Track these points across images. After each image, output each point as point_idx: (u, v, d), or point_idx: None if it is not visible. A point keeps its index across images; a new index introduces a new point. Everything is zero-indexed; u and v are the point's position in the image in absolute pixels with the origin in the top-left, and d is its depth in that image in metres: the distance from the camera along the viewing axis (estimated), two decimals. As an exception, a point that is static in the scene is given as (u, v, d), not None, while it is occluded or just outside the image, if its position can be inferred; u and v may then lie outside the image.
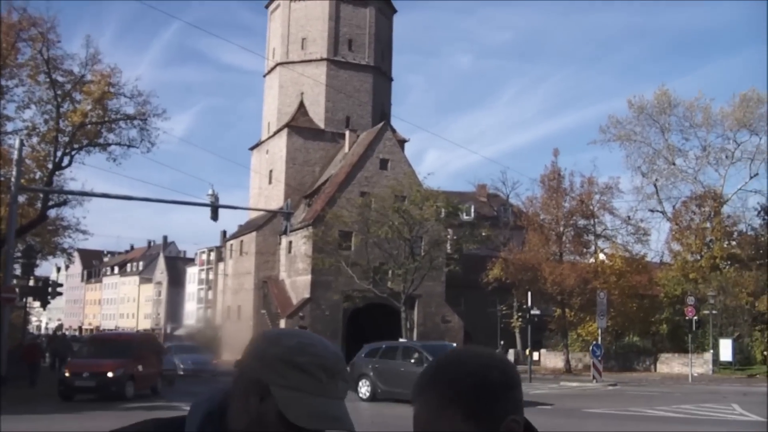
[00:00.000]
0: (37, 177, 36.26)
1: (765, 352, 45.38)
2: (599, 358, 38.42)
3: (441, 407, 1.66)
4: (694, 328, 43.90)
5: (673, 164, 60.98)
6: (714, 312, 46.47)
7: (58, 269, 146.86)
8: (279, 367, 1.78)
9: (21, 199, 32.99)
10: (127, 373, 26.29)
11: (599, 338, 41.78)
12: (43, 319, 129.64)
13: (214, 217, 31.96)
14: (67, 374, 26.42)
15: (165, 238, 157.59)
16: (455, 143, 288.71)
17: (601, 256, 56.63)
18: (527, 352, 43.63)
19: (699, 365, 46.16)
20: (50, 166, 35.32)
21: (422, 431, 1.70)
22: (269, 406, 1.76)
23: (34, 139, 35.42)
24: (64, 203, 37.98)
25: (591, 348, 39.91)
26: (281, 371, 1.77)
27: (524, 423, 1.73)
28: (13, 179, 29.37)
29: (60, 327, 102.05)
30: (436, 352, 23.78)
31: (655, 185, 61.07)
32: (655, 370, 50.97)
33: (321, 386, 1.78)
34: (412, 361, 25.38)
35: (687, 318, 43.72)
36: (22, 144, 30.30)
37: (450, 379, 1.69)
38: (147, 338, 32.30)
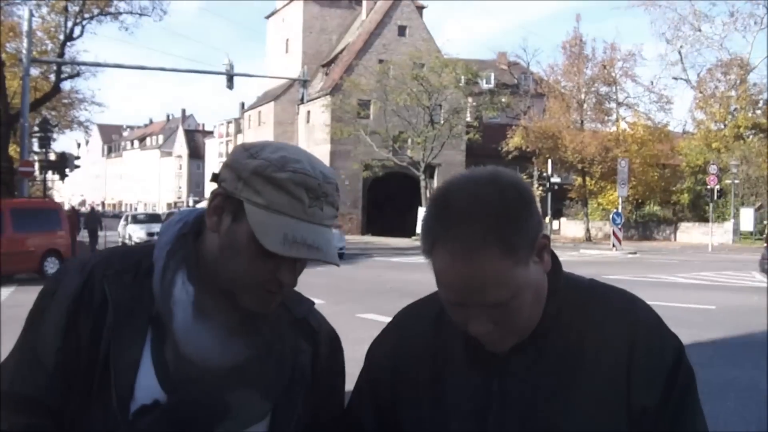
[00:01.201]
0: (48, 49, 35.85)
1: (765, 221, 44.90)
2: (619, 227, 38.37)
3: (469, 253, 1.40)
4: (715, 198, 43.58)
5: (699, 30, 59.17)
6: (736, 182, 46.01)
7: (78, 145, 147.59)
8: (255, 183, 1.51)
9: (34, 72, 32.67)
10: None
11: (619, 207, 41.61)
12: (64, 194, 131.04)
13: (230, 85, 31.80)
14: None
15: (183, 111, 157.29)
16: (475, 3, 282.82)
17: (623, 125, 55.88)
18: (547, 220, 43.65)
19: (719, 235, 45.99)
20: (61, 37, 34.97)
21: (451, 281, 1.44)
22: (242, 227, 1.51)
23: (44, 9, 34.88)
24: (78, 75, 37.68)
25: (611, 216, 39.84)
26: (257, 187, 1.50)
27: None
28: (24, 51, 28.91)
29: (83, 202, 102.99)
30: None
31: (679, 52, 59.49)
32: (675, 239, 50.98)
33: (302, 208, 1.51)
34: None
35: (708, 187, 43.35)
36: (31, 14, 29.67)
37: (469, 218, 1.41)
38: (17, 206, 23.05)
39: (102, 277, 1.59)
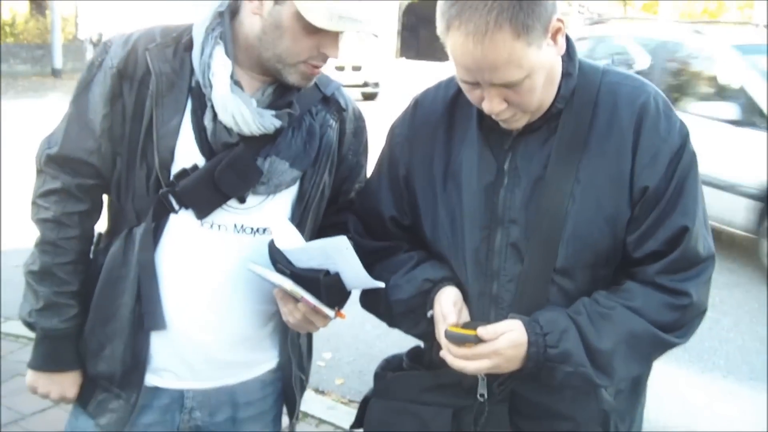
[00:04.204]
0: None
1: None
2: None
3: (482, 34, 1.45)
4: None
5: None
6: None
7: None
8: None
9: None
10: None
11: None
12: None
13: None
14: None
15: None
16: None
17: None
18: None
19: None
20: None
21: (465, 62, 1.51)
22: (285, 7, 1.62)
23: None
24: None
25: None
26: None
27: None
28: None
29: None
30: None
31: None
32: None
33: None
34: None
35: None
36: None
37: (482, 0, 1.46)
38: None
39: (144, 50, 1.71)
